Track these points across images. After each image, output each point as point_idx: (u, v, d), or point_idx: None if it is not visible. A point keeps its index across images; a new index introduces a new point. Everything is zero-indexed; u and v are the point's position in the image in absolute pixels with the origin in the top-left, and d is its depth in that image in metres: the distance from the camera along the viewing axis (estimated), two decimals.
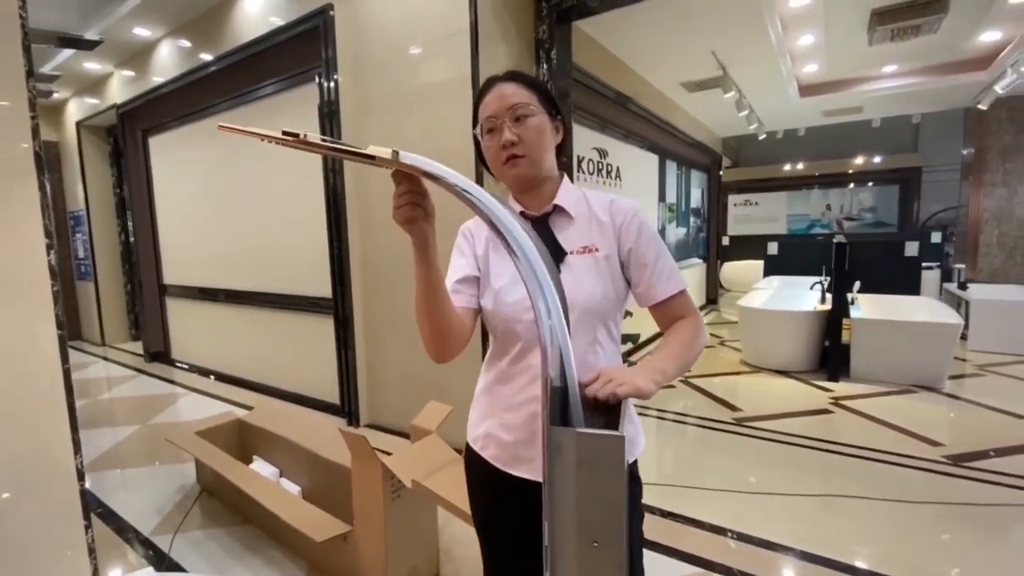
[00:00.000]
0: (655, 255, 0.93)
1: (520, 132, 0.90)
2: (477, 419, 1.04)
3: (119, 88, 4.88)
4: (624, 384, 0.69)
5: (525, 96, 0.91)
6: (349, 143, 0.66)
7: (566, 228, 0.95)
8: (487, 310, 0.96)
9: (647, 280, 0.92)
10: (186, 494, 2.49)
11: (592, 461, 0.53)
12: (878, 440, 2.96)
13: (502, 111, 0.90)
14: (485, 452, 1.00)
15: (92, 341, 6.17)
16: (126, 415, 3.71)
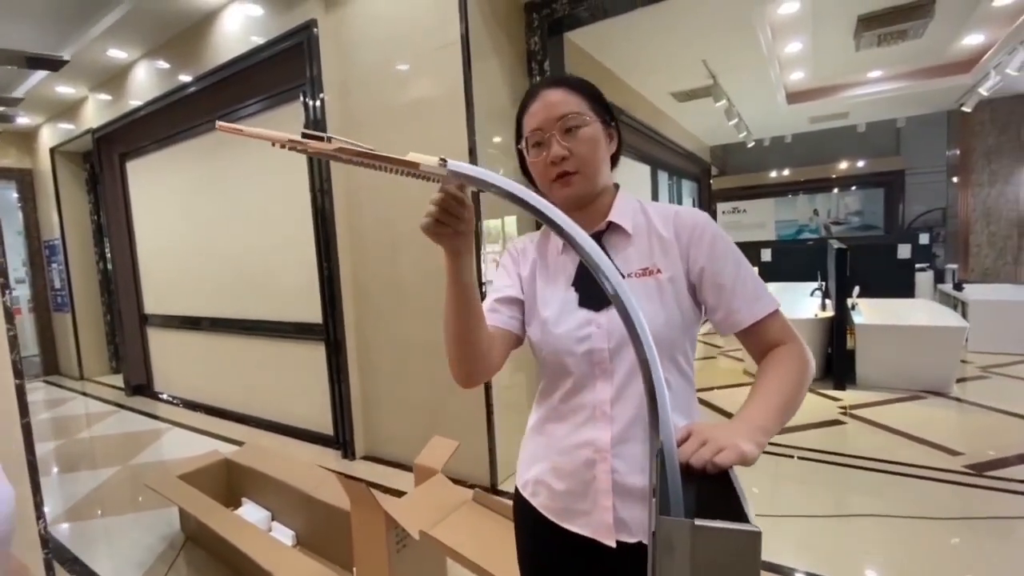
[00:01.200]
0: (733, 272, 0.78)
1: (572, 145, 0.79)
2: (528, 461, 0.90)
3: (94, 112, 4.72)
4: (726, 450, 0.56)
5: (575, 104, 0.80)
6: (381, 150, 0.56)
7: (622, 247, 0.83)
8: (534, 341, 0.85)
9: (726, 303, 0.77)
10: (170, 543, 2.31)
11: (714, 566, 0.41)
12: (894, 451, 2.87)
13: (550, 122, 0.79)
14: (535, 500, 0.87)
15: (70, 375, 5.91)
16: (106, 456, 3.49)
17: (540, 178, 0.83)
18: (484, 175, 0.56)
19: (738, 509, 0.45)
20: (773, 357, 0.76)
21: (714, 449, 0.56)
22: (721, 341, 6.13)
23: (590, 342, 0.79)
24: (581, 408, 0.81)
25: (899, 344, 3.87)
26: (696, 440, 0.58)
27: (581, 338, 0.79)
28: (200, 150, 4.00)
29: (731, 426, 0.63)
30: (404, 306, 2.89)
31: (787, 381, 0.72)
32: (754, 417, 0.66)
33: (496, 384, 2.65)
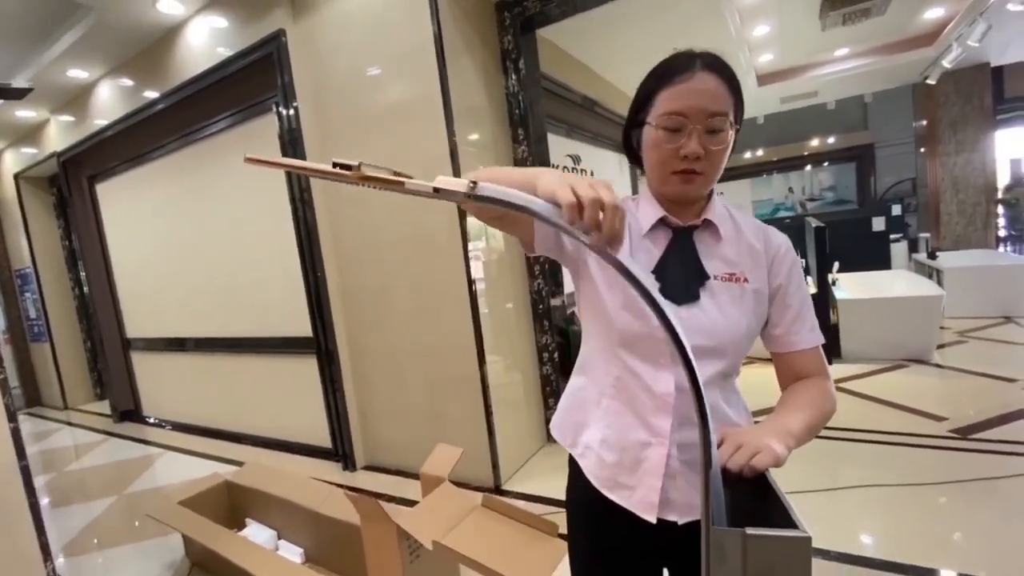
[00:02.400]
0: (802, 300, 0.83)
1: (709, 146, 0.75)
2: (577, 424, 0.90)
3: (58, 135, 4.58)
4: (762, 453, 0.58)
5: (727, 102, 0.76)
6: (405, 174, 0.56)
7: (712, 248, 0.83)
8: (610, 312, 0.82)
9: (788, 324, 0.83)
10: (175, 571, 2.28)
11: (767, 572, 0.42)
12: (881, 421, 2.95)
13: (697, 114, 0.74)
14: (583, 462, 0.88)
15: (53, 406, 5.76)
16: (99, 486, 3.42)
17: (660, 163, 0.79)
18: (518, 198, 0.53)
19: (785, 514, 0.47)
20: (808, 384, 0.81)
21: (749, 453, 0.58)
22: None
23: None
24: (643, 392, 0.81)
25: (880, 316, 3.98)
26: (731, 444, 0.60)
27: (656, 326, 0.80)
28: (173, 168, 3.91)
29: (761, 429, 0.66)
30: (395, 313, 2.88)
31: (817, 404, 0.77)
32: (783, 423, 0.70)
33: (494, 384, 2.66)
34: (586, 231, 0.52)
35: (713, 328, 0.79)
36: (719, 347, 0.79)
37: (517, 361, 2.98)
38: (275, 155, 3.23)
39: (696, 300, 0.80)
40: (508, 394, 2.85)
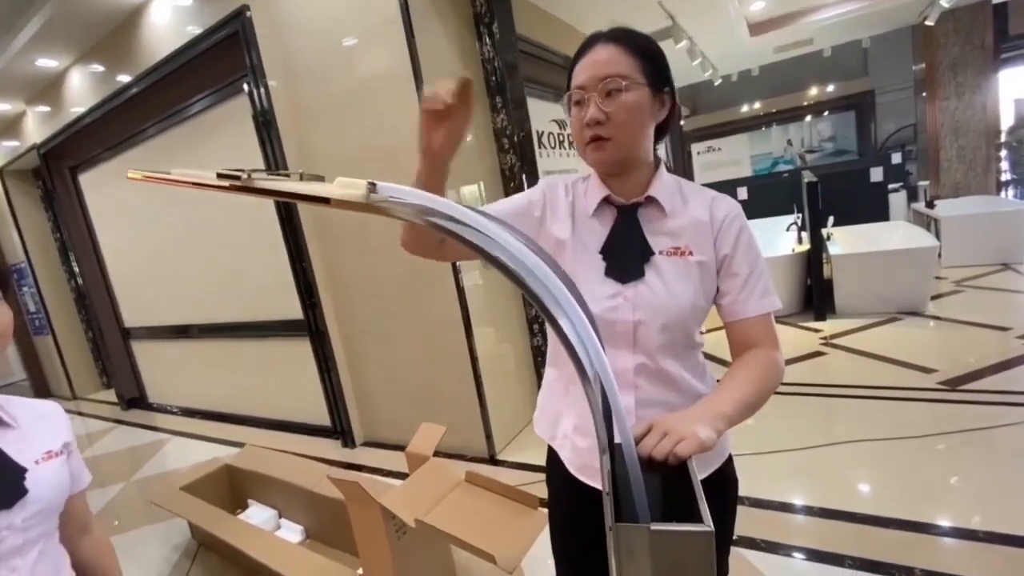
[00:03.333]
0: (750, 266, 0.82)
1: (610, 109, 0.76)
2: (552, 416, 0.95)
3: (36, 127, 4.50)
4: (686, 440, 0.58)
5: (624, 65, 0.76)
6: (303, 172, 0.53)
7: (657, 223, 0.84)
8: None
9: (735, 292, 0.82)
10: (183, 552, 2.36)
11: (674, 565, 0.43)
12: (873, 376, 2.97)
13: (592, 82, 0.77)
14: (562, 452, 0.93)
15: (62, 396, 5.87)
16: (109, 473, 3.51)
17: (575, 138, 0.83)
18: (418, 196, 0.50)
19: (693, 507, 0.47)
20: (749, 357, 0.80)
21: (674, 440, 0.58)
22: None
23: (615, 313, 0.81)
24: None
25: (874, 270, 3.95)
26: (657, 433, 0.60)
27: (608, 308, 0.81)
28: (154, 154, 3.85)
29: (691, 413, 0.66)
30: (382, 291, 2.88)
31: (756, 379, 0.76)
32: (717, 404, 0.70)
33: (484, 356, 2.67)
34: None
35: (659, 304, 0.80)
36: (667, 322, 0.81)
37: (507, 334, 2.99)
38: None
39: (641, 277, 0.81)
40: (499, 366, 2.88)
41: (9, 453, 0.76)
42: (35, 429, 0.82)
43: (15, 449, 0.77)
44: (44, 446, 0.81)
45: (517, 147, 2.89)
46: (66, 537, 0.90)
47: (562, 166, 4.12)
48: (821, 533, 1.80)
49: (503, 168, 2.94)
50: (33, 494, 0.74)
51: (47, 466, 0.79)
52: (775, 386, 0.78)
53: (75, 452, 0.91)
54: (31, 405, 0.87)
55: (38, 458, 0.78)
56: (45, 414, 0.87)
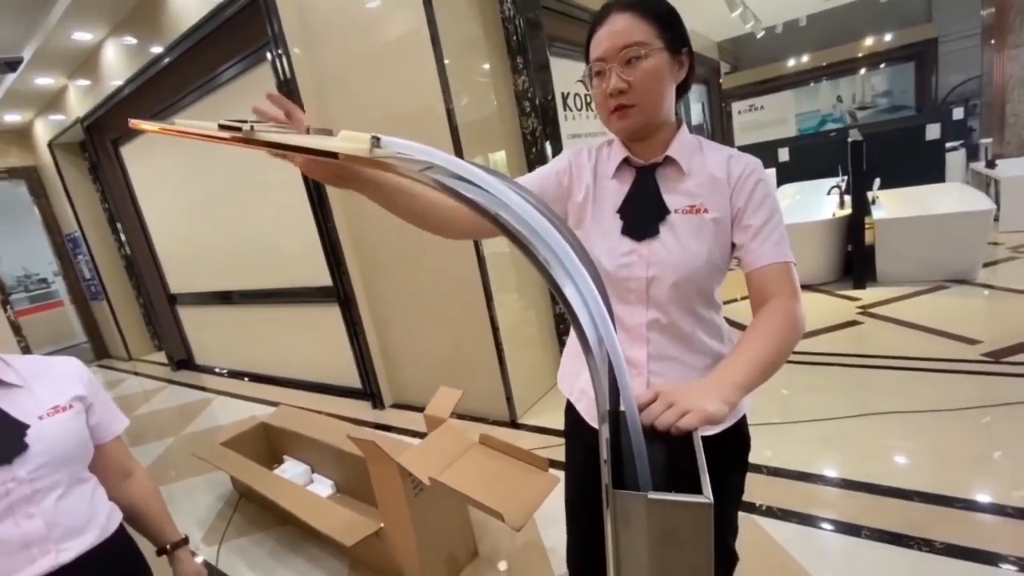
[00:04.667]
0: (765, 218, 0.81)
1: (632, 78, 0.78)
2: (572, 374, 1.02)
3: (78, 100, 4.68)
4: (690, 413, 0.57)
5: (641, 32, 0.78)
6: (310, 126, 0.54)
7: (675, 182, 0.86)
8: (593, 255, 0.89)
9: (748, 242, 0.82)
10: (226, 501, 2.55)
11: (670, 535, 0.43)
12: (912, 346, 2.85)
13: (612, 53, 0.78)
14: (579, 406, 0.99)
15: (119, 357, 6.30)
16: (164, 427, 3.79)
17: (599, 109, 0.84)
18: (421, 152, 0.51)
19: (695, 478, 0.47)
20: (767, 312, 0.77)
21: (679, 412, 0.57)
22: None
23: (629, 270, 0.84)
24: (620, 330, 0.87)
25: (920, 235, 3.73)
26: (663, 402, 0.59)
27: (622, 265, 0.85)
28: None
29: (703, 384, 0.64)
30: (406, 257, 2.92)
31: (774, 337, 0.74)
32: (732, 373, 0.68)
33: (505, 323, 2.70)
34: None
35: (672, 260, 0.82)
36: (681, 279, 0.83)
37: (530, 300, 3.00)
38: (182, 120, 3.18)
39: (656, 235, 0.83)
40: (522, 332, 2.90)
41: (10, 411, 0.81)
42: (44, 386, 0.88)
43: (18, 407, 0.83)
44: (51, 402, 0.87)
45: (539, 110, 2.82)
46: (108, 484, 0.98)
47: (588, 129, 4.01)
48: (840, 503, 1.78)
49: (524, 133, 2.89)
50: (35, 448, 0.80)
51: (52, 421, 0.84)
52: (795, 340, 0.76)
53: (99, 403, 0.97)
54: (46, 363, 0.93)
55: (42, 413, 0.84)
56: (59, 371, 0.93)
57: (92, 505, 0.89)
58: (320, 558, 1.99)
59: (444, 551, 1.73)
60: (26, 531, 0.77)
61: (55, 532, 0.80)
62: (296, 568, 1.96)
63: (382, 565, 1.78)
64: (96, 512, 0.89)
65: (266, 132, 0.54)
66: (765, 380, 0.71)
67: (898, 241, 3.81)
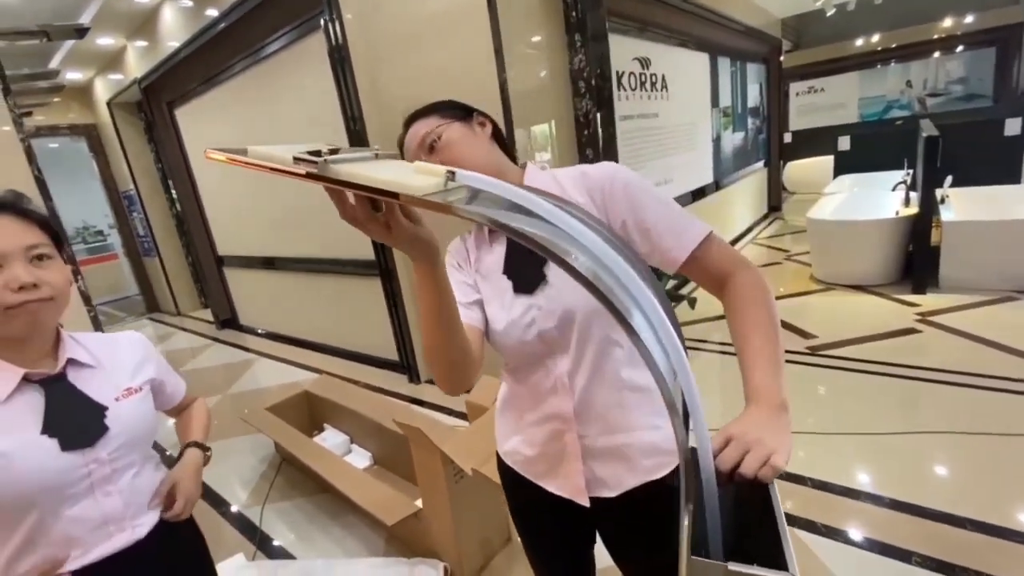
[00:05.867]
0: (654, 211, 0.76)
1: (443, 158, 0.78)
2: (503, 434, 0.97)
3: (136, 61, 4.78)
4: (776, 455, 0.52)
5: (428, 123, 0.82)
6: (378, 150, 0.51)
7: None
8: (489, 337, 0.84)
9: (656, 244, 0.76)
10: (269, 463, 2.65)
11: None
12: (975, 361, 2.69)
13: (417, 153, 0.82)
14: (515, 465, 0.94)
15: (168, 311, 6.60)
16: (208, 385, 3.96)
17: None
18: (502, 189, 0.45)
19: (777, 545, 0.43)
20: (737, 300, 0.72)
21: (760, 458, 0.52)
22: (788, 244, 5.78)
23: (536, 326, 0.80)
24: (542, 382, 0.84)
25: (992, 239, 3.48)
26: (738, 447, 0.53)
27: (526, 325, 0.80)
28: (241, 90, 4.00)
29: (762, 417, 0.59)
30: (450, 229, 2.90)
31: (769, 327, 0.68)
32: (772, 393, 0.62)
33: None
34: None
35: (574, 300, 0.77)
36: (587, 314, 0.77)
37: None
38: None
39: (544, 280, 0.79)
40: None
41: (90, 394, 0.83)
42: (116, 367, 0.89)
43: (96, 388, 0.84)
44: (124, 383, 0.88)
45: (594, 91, 2.72)
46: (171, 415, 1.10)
47: (642, 110, 3.86)
48: (887, 524, 1.71)
49: (577, 115, 2.79)
50: (114, 430, 0.82)
51: (127, 403, 0.86)
52: (775, 306, 0.71)
53: (167, 378, 1.01)
54: (113, 341, 0.94)
55: (118, 395, 0.86)
56: (128, 350, 0.94)
57: (153, 479, 0.92)
58: (358, 528, 2.05)
59: (480, 535, 1.76)
60: (105, 509, 0.81)
61: (131, 509, 0.84)
62: (334, 536, 2.04)
63: (418, 543, 1.82)
64: (154, 481, 0.93)
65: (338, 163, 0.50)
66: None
67: (967, 245, 3.57)
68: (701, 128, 4.95)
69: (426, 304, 0.65)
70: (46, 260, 0.78)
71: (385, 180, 0.47)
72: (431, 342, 0.69)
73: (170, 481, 0.92)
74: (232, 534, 2.14)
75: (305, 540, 2.05)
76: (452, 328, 0.69)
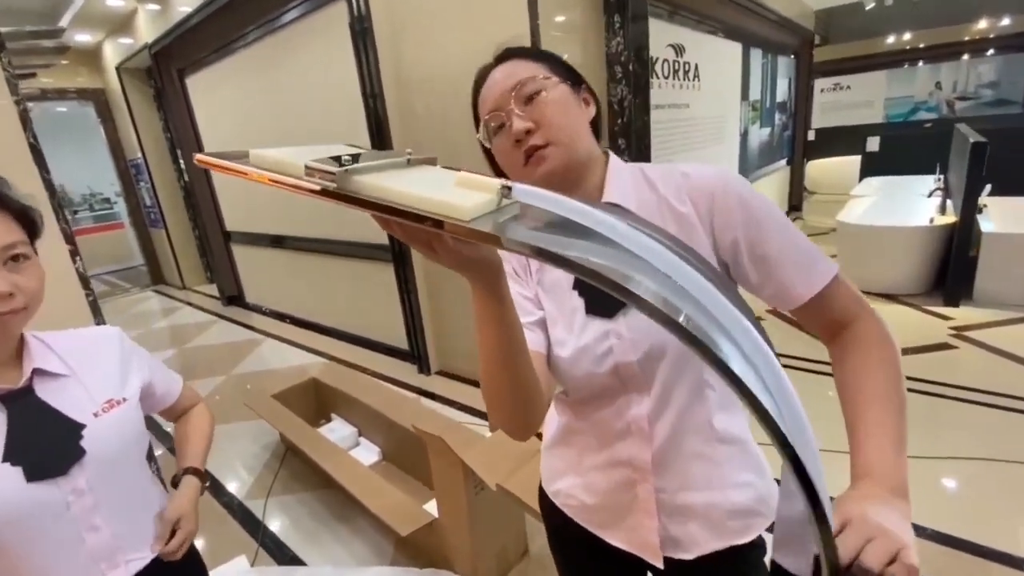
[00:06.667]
0: (777, 237, 0.63)
1: (536, 115, 0.64)
2: (554, 471, 0.82)
3: (147, 26, 4.61)
4: (908, 548, 0.42)
5: (529, 69, 0.66)
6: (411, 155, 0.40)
7: None
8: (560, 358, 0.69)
9: (776, 276, 0.63)
10: (273, 452, 2.56)
11: None
12: (1014, 382, 2.56)
13: (505, 97, 0.65)
14: (567, 509, 0.80)
15: (174, 284, 6.50)
16: (212, 365, 3.87)
17: (511, 167, 0.67)
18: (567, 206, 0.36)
19: None
20: (857, 355, 0.60)
21: (890, 551, 0.42)
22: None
23: (612, 357, 0.66)
24: (611, 422, 0.70)
25: None
26: (859, 535, 0.43)
27: (600, 355, 0.66)
28: (253, 60, 3.84)
29: (881, 502, 0.48)
30: None
31: (895, 394, 0.56)
32: (892, 475, 0.51)
33: None
34: None
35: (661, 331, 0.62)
36: (681, 350, 0.64)
37: None
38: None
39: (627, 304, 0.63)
40: None
41: (63, 409, 0.68)
42: (94, 374, 0.74)
43: (70, 402, 0.69)
44: (104, 394, 0.73)
45: (631, 76, 2.55)
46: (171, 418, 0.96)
47: (674, 99, 3.69)
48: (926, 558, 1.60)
49: (611, 101, 2.63)
50: (93, 452, 0.68)
51: (109, 418, 0.71)
52: (902, 371, 0.60)
53: (156, 377, 0.86)
54: (87, 339, 0.78)
55: (98, 409, 0.71)
56: (105, 351, 0.78)
57: (154, 506, 0.81)
58: (365, 530, 1.96)
59: (496, 547, 1.66)
60: (92, 546, 0.69)
61: (124, 542, 0.73)
62: (340, 537, 1.94)
63: (431, 551, 1.73)
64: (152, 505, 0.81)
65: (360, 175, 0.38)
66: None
67: (1006, 258, 3.41)
68: (730, 121, 4.76)
69: (486, 337, 0.53)
70: (23, 261, 0.65)
71: (423, 198, 0.35)
72: (493, 383, 0.57)
73: (171, 517, 0.79)
74: (234, 528, 2.05)
75: (310, 540, 1.95)
76: (519, 364, 0.56)
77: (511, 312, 0.52)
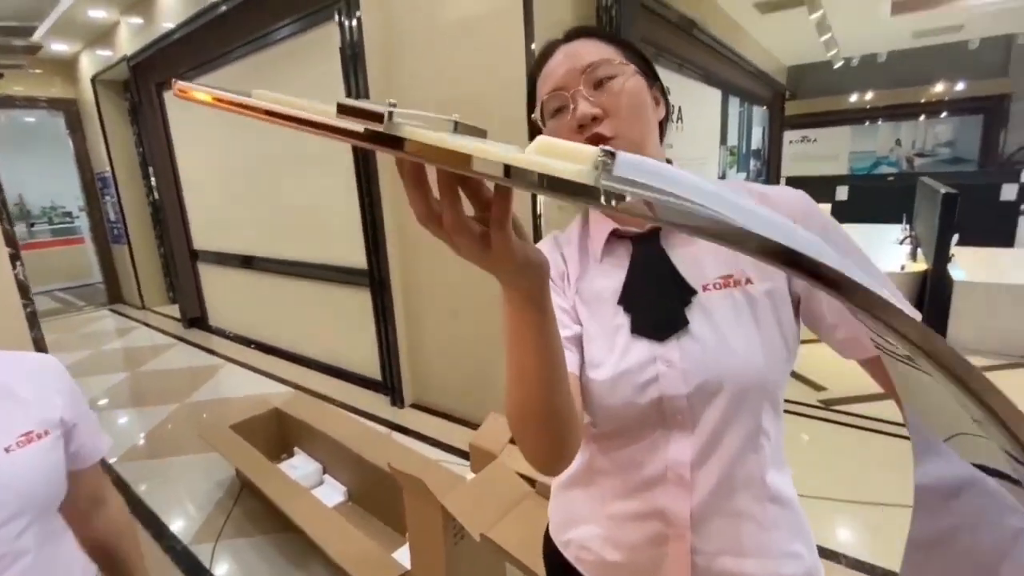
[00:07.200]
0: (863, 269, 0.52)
1: (605, 103, 0.57)
2: (567, 516, 0.69)
3: (128, 38, 4.50)
4: None
5: (604, 51, 0.59)
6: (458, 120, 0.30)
7: (690, 248, 0.59)
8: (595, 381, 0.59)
9: (850, 316, 0.53)
10: (227, 490, 2.33)
11: None
12: None
13: (573, 76, 0.58)
14: (580, 565, 0.68)
15: (132, 304, 6.16)
16: (167, 391, 3.60)
17: None
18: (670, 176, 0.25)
19: None
20: None
21: None
22: None
23: (658, 387, 0.56)
24: (644, 463, 0.59)
25: (1004, 304, 3.41)
26: None
27: (644, 383, 0.56)
28: (237, 77, 3.76)
29: None
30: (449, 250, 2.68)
31: None
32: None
33: None
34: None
35: (720, 363, 0.55)
36: (740, 389, 0.55)
37: None
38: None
39: (686, 327, 0.56)
40: None
41: None
42: (12, 402, 0.63)
43: None
44: (22, 426, 0.63)
45: None
46: (73, 514, 0.73)
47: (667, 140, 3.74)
48: None
49: None
50: (2, 495, 0.57)
51: (24, 454, 0.61)
52: None
53: (83, 425, 0.73)
54: (16, 364, 0.67)
55: (10, 443, 0.60)
56: (35, 381, 0.67)
57: (68, 563, 0.67)
58: None
59: None
60: None
61: None
62: None
63: None
64: (71, 570, 0.66)
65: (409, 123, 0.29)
66: None
67: (975, 307, 3.50)
68: (709, 164, 4.88)
69: (524, 354, 0.43)
70: None
71: (508, 157, 0.26)
72: (528, 408, 0.47)
73: None
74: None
75: None
76: (559, 383, 0.46)
77: (553, 323, 0.43)
